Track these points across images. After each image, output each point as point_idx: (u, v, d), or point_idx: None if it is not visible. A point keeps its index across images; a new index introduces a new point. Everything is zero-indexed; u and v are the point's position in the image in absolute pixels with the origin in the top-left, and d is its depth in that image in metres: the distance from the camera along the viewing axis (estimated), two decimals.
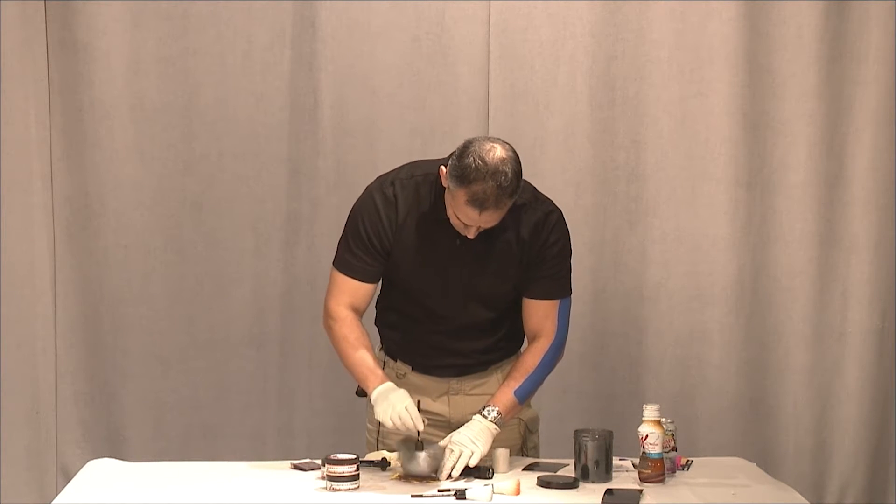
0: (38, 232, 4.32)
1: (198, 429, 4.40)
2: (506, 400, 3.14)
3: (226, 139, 4.34)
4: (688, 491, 2.98)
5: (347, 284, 3.15)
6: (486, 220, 2.96)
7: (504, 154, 2.93)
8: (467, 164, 2.91)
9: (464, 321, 3.19)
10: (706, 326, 4.42)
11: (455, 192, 2.95)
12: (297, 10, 4.30)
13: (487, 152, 2.92)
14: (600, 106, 4.36)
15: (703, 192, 4.40)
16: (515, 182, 2.94)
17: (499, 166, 2.91)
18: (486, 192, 2.90)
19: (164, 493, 2.95)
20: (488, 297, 3.18)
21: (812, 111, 4.36)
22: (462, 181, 2.92)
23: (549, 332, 3.21)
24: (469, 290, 3.15)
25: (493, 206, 2.92)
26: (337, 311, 3.16)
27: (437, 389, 3.24)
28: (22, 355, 4.33)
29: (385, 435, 3.25)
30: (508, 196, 2.93)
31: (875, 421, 4.45)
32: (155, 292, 4.36)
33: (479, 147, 2.93)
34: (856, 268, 4.42)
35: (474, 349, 3.24)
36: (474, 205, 2.92)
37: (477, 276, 3.13)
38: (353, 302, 3.16)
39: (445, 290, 3.14)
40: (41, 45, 4.27)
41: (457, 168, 2.94)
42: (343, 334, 3.14)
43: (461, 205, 2.95)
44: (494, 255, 3.12)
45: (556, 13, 4.33)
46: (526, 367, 3.19)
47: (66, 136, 4.31)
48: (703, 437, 4.35)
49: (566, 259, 3.23)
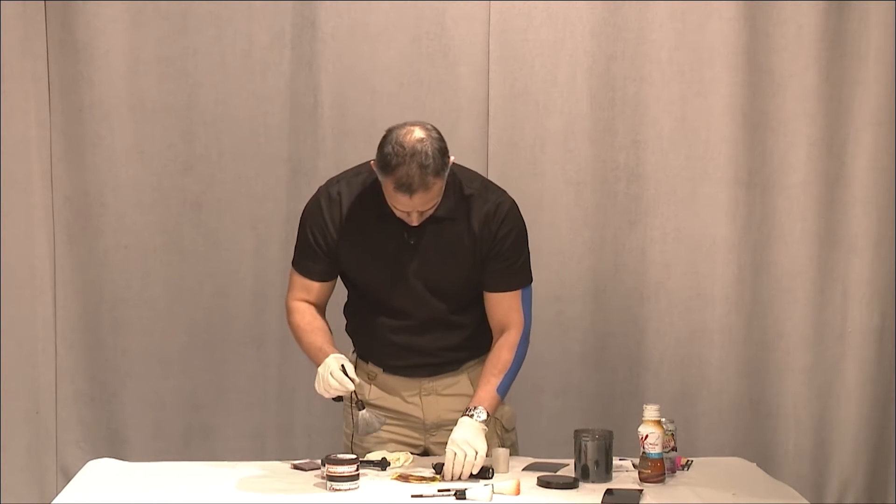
0: (38, 232, 4.32)
1: (198, 429, 4.40)
2: (489, 398, 3.14)
3: (226, 139, 4.34)
4: (688, 491, 2.98)
5: (300, 282, 3.23)
6: (418, 203, 2.98)
7: (422, 134, 2.96)
8: (387, 151, 2.96)
9: (424, 316, 3.19)
10: (706, 326, 4.42)
11: (384, 181, 3.00)
12: (297, 10, 4.30)
13: (404, 136, 2.96)
14: (600, 106, 4.36)
15: (703, 192, 4.40)
16: (439, 159, 2.96)
17: (416, 147, 2.94)
18: (410, 174, 2.93)
19: (164, 493, 2.95)
20: (443, 289, 3.18)
21: (812, 111, 4.36)
22: (385, 169, 2.96)
23: (517, 323, 3.21)
24: (422, 283, 3.16)
25: (420, 187, 2.94)
26: (291, 304, 3.24)
27: (410, 390, 3.24)
28: (22, 355, 4.33)
29: (361, 439, 3.26)
30: (434, 174, 2.95)
31: (875, 421, 4.45)
32: (155, 292, 4.36)
33: (396, 133, 2.98)
34: (856, 268, 4.42)
35: (441, 347, 3.23)
36: (402, 190, 2.95)
37: (428, 268, 3.14)
38: (308, 297, 3.23)
39: (398, 283, 3.16)
40: (41, 45, 4.27)
41: (379, 158, 2.98)
42: (295, 322, 3.22)
43: (391, 193, 2.98)
44: (445, 246, 3.14)
45: (556, 13, 4.33)
46: (504, 363, 3.18)
47: (66, 136, 4.31)
48: (703, 437, 4.35)
49: (523, 248, 3.22)
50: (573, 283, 4.39)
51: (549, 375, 4.40)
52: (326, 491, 2.93)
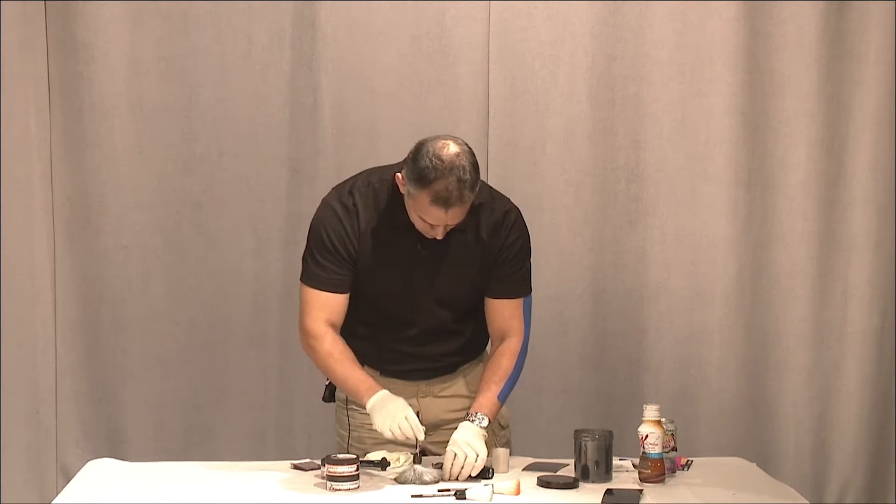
0: (38, 232, 4.32)
1: (198, 429, 4.40)
2: (490, 405, 3.14)
3: (226, 139, 4.34)
4: (688, 491, 2.98)
5: (321, 299, 3.12)
6: (452, 217, 2.97)
7: (458, 149, 2.95)
8: (424, 165, 2.92)
9: (428, 325, 3.19)
10: (706, 326, 4.42)
11: (417, 195, 2.95)
12: (297, 10, 4.30)
13: (441, 149, 2.93)
14: (600, 106, 4.36)
15: (703, 192, 4.40)
16: (475, 174, 2.95)
17: (455, 161, 2.92)
18: (449, 188, 2.91)
19: (164, 493, 2.95)
20: (450, 299, 3.18)
21: (812, 111, 4.36)
22: (422, 182, 2.93)
23: (517, 331, 3.22)
24: (432, 294, 3.15)
25: (457, 201, 2.93)
26: (316, 328, 3.12)
27: (407, 392, 3.22)
28: (22, 355, 4.33)
29: (358, 440, 3.25)
30: (470, 189, 2.94)
31: (875, 421, 4.45)
32: (155, 292, 4.36)
33: (432, 146, 2.94)
34: (856, 268, 4.42)
35: (441, 353, 3.24)
36: (439, 204, 2.93)
37: (439, 279, 3.14)
38: (330, 317, 3.13)
39: (409, 294, 3.14)
40: (41, 45, 4.27)
41: (414, 171, 2.94)
42: (327, 351, 3.11)
43: (426, 206, 2.95)
44: (455, 257, 3.13)
45: (556, 13, 4.33)
46: (505, 370, 3.18)
47: (66, 136, 4.31)
48: (703, 437, 4.35)
49: (527, 257, 3.22)
50: (573, 283, 4.39)
51: (549, 375, 4.39)
52: (326, 491, 2.93)
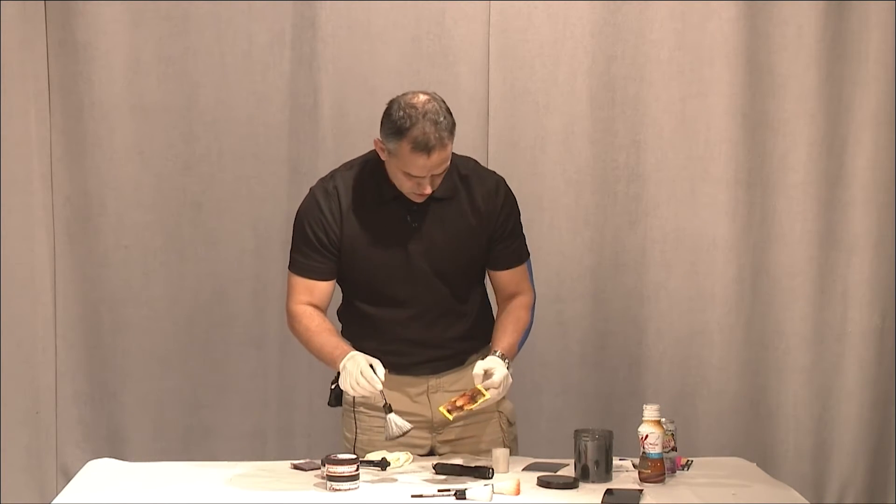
0: (38, 232, 4.32)
1: (198, 429, 4.40)
2: (511, 351, 3.16)
3: (226, 139, 4.34)
4: (688, 491, 2.98)
5: (302, 284, 3.19)
6: (435, 162, 2.99)
7: (427, 96, 3.02)
8: (398, 116, 2.98)
9: (429, 302, 3.19)
10: (706, 326, 4.42)
11: (396, 149, 3.00)
12: (297, 10, 4.30)
13: (411, 99, 3.00)
14: (600, 106, 4.36)
15: (703, 192, 4.40)
16: (450, 118, 3.01)
17: (427, 106, 2.99)
18: (427, 131, 2.96)
19: (164, 493, 2.95)
20: (448, 272, 3.19)
21: (812, 111, 4.36)
22: (399, 133, 2.97)
23: (527, 289, 3.29)
24: (428, 265, 3.16)
25: (437, 144, 2.97)
26: (295, 308, 3.19)
27: (416, 389, 3.22)
28: (22, 355, 4.33)
29: (365, 443, 3.25)
30: (448, 132, 2.99)
31: (875, 421, 4.45)
32: (155, 292, 4.36)
33: (401, 99, 3.02)
34: (856, 268, 4.42)
35: (449, 338, 3.23)
36: (420, 149, 2.97)
37: (433, 250, 3.15)
38: (311, 300, 3.19)
39: (403, 268, 3.15)
40: (41, 45, 4.27)
41: (389, 125, 3.00)
42: (304, 325, 3.16)
43: (407, 158, 2.98)
44: (449, 227, 3.15)
45: (556, 13, 4.33)
46: (523, 322, 3.25)
47: (66, 136, 4.31)
48: (703, 437, 4.35)
49: (520, 222, 3.28)
50: (573, 283, 4.39)
51: (549, 375, 4.40)
52: (326, 491, 2.93)
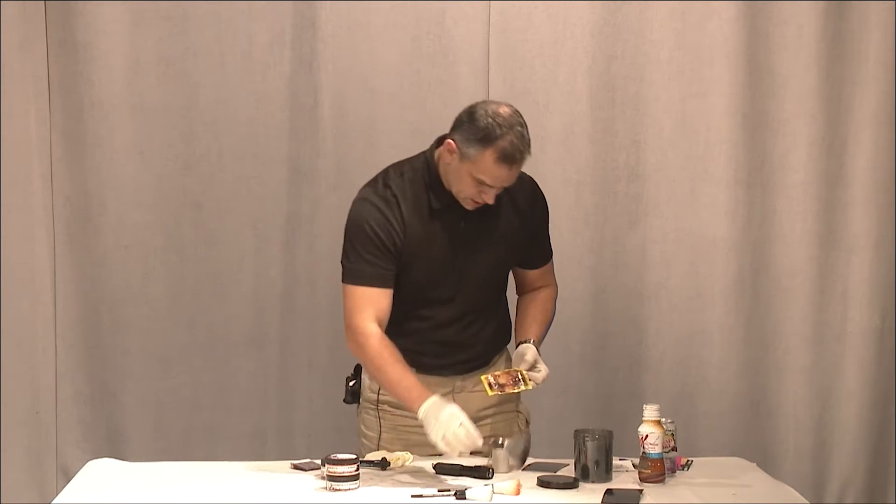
0: (38, 232, 4.32)
1: (198, 429, 4.40)
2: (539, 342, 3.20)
3: (226, 139, 4.34)
4: (688, 491, 2.98)
5: (368, 295, 3.05)
6: (512, 176, 2.99)
7: (510, 108, 2.99)
8: (486, 123, 2.94)
9: (471, 305, 3.19)
10: (706, 326, 4.43)
11: (478, 155, 2.95)
12: (297, 10, 4.30)
13: (497, 108, 2.97)
14: (600, 106, 4.37)
15: (703, 192, 4.40)
16: (529, 134, 2.99)
17: (513, 118, 2.96)
18: (514, 143, 2.93)
19: (164, 493, 2.95)
20: (490, 275, 3.20)
21: (812, 111, 4.36)
22: (487, 140, 2.93)
23: (553, 283, 3.32)
24: (480, 271, 3.16)
25: (521, 158, 2.96)
26: (366, 327, 3.04)
27: (443, 389, 3.18)
28: (22, 355, 4.33)
29: (389, 441, 3.24)
30: (529, 147, 2.98)
31: (875, 421, 4.45)
32: (155, 292, 4.36)
33: (485, 108, 2.98)
34: (856, 268, 4.42)
35: (482, 338, 3.24)
36: (505, 161, 2.94)
37: (481, 256, 3.15)
38: (378, 314, 3.06)
39: (451, 274, 3.13)
40: (41, 45, 4.27)
41: (475, 131, 2.95)
42: (378, 351, 3.03)
43: (489, 166, 2.94)
44: (498, 233, 3.15)
45: (556, 13, 4.33)
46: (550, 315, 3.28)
47: (66, 136, 4.31)
48: (703, 437, 4.35)
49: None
50: (573, 283, 4.39)
51: (549, 375, 4.38)
52: (326, 491, 2.93)
